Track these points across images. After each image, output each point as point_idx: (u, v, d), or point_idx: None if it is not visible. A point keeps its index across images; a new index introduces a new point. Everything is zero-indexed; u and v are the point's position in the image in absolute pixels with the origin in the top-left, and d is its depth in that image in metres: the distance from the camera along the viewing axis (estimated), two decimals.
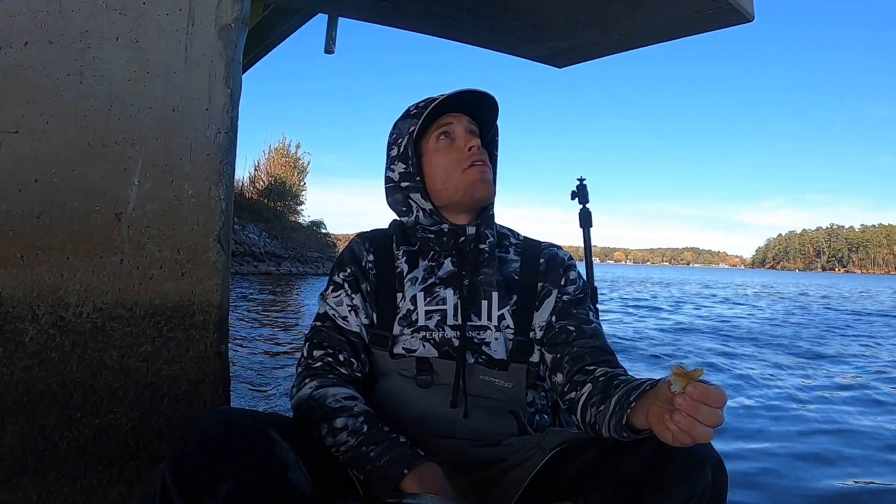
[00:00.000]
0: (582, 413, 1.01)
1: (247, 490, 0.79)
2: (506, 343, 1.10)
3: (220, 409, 1.17)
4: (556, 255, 1.19)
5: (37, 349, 1.23)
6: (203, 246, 1.34)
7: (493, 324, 1.10)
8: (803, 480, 2.25)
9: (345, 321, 1.12)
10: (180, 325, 1.33)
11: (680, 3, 3.03)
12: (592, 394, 0.99)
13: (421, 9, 3.18)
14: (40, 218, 1.23)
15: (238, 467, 0.80)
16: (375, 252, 1.17)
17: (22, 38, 1.22)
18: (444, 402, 1.07)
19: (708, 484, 0.82)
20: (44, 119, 1.23)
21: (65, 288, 1.24)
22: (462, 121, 1.16)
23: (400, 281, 1.14)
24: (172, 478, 0.78)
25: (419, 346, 1.10)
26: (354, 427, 0.96)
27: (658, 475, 0.84)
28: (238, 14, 1.36)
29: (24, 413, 1.22)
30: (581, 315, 1.13)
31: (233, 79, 1.37)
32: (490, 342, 1.10)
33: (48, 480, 1.24)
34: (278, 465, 0.84)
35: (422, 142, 1.16)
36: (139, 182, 1.29)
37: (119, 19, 1.28)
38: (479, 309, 1.11)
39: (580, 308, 1.14)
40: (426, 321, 1.10)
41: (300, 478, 0.86)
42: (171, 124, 1.32)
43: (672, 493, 0.82)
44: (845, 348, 6.50)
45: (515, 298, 1.13)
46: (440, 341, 1.09)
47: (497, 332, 1.10)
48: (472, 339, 1.09)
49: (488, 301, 1.11)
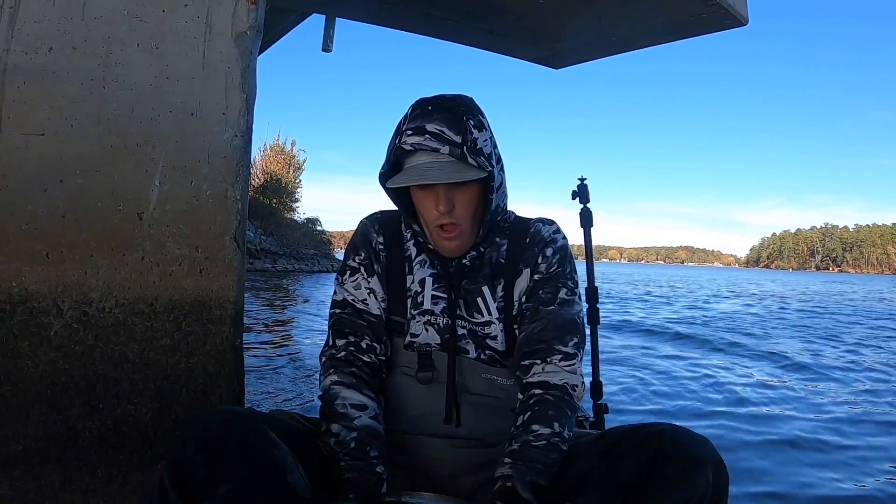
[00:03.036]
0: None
1: (245, 492, 0.80)
2: (503, 334, 1.10)
3: (221, 408, 1.18)
4: (538, 232, 1.13)
5: (61, 343, 1.28)
6: (220, 244, 1.40)
7: (494, 316, 1.10)
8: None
9: (364, 304, 1.11)
10: (198, 320, 1.38)
11: (675, 6, 3.09)
12: (511, 436, 1.01)
13: (419, 11, 3.22)
14: (65, 217, 1.28)
15: (237, 469, 0.81)
16: (385, 234, 1.15)
17: (47, 45, 1.27)
18: (443, 400, 1.08)
19: (708, 484, 0.83)
20: (68, 122, 1.28)
21: (88, 284, 1.29)
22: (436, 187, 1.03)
23: (409, 263, 1.13)
24: (171, 478, 0.79)
25: (422, 331, 1.10)
26: (344, 440, 0.98)
27: (658, 476, 0.84)
28: (253, 22, 1.42)
29: (49, 404, 1.27)
30: (544, 295, 1.09)
31: (248, 84, 1.42)
32: (496, 335, 1.10)
33: (70, 469, 1.29)
34: (277, 468, 0.85)
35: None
36: (160, 183, 1.34)
37: (140, 26, 1.33)
38: (479, 307, 1.11)
39: (548, 286, 1.10)
40: (432, 305, 1.10)
41: (299, 480, 0.86)
42: (189, 128, 1.37)
43: (672, 494, 0.82)
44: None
45: (502, 282, 1.11)
46: (443, 327, 1.09)
47: (499, 324, 1.10)
48: (477, 334, 1.10)
49: (482, 297, 1.11)
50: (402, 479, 1.06)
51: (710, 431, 2.80)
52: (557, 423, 0.98)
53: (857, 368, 5.14)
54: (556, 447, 0.96)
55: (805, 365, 5.17)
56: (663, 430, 0.89)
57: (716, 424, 3.08)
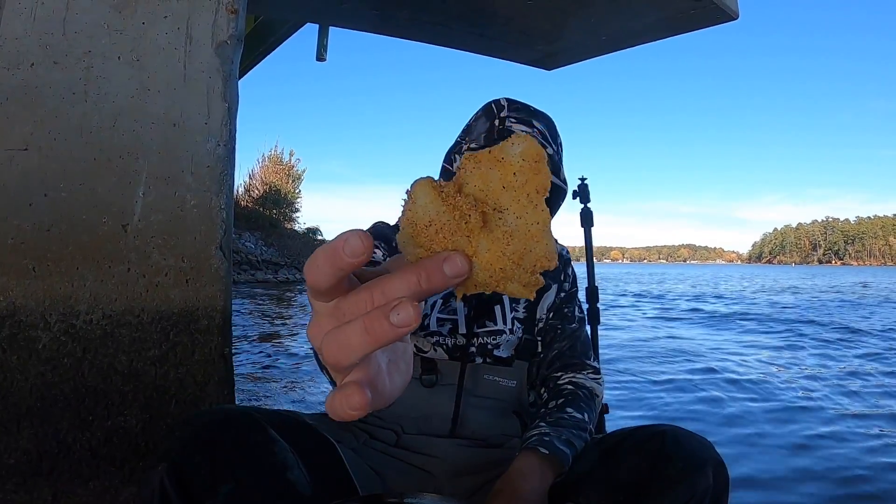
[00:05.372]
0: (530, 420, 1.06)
1: (246, 491, 0.79)
2: (514, 343, 1.13)
3: (219, 408, 1.18)
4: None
5: (50, 356, 1.28)
6: (206, 254, 1.40)
7: (507, 326, 1.12)
8: None
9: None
10: (186, 330, 1.38)
11: (665, 4, 3.09)
12: (543, 412, 1.05)
13: (410, 17, 3.23)
14: (50, 231, 1.28)
15: (237, 468, 0.80)
16: (389, 250, 1.14)
17: (28, 60, 1.28)
18: (447, 402, 1.09)
19: (709, 484, 0.83)
20: (51, 136, 1.29)
21: (75, 297, 1.30)
22: None
23: None
24: (171, 479, 0.78)
25: (430, 350, 1.11)
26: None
27: (658, 476, 0.84)
28: (233, 31, 1.42)
29: (39, 417, 1.27)
30: (568, 313, 1.17)
31: (230, 93, 1.43)
32: (501, 345, 1.12)
33: (62, 482, 1.29)
34: (277, 465, 0.84)
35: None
36: (143, 194, 1.35)
37: (120, 39, 1.34)
38: (494, 314, 1.12)
39: (569, 305, 1.18)
40: (438, 327, 1.12)
41: (299, 478, 0.85)
42: (172, 138, 1.37)
43: (672, 494, 0.82)
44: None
45: None
46: (452, 347, 1.11)
47: (510, 335, 1.12)
48: (487, 346, 1.11)
49: (500, 304, 1.13)
50: (402, 479, 1.05)
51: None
52: (587, 415, 1.05)
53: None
54: (583, 433, 1.01)
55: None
56: (664, 430, 0.89)
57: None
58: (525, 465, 0.93)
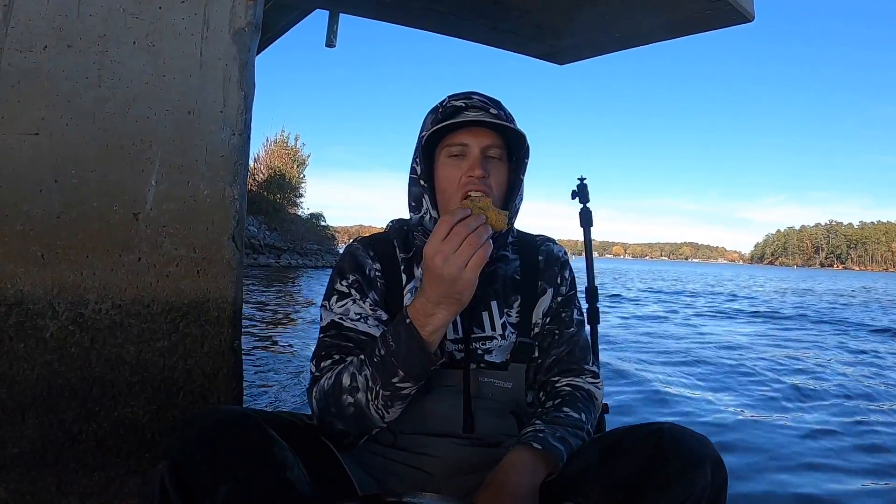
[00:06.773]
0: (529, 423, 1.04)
1: (246, 490, 0.79)
2: (509, 347, 1.11)
3: (219, 407, 1.17)
4: (552, 252, 1.19)
5: (57, 345, 1.26)
6: (218, 244, 1.38)
7: (497, 332, 1.10)
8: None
9: (353, 322, 1.07)
10: (196, 321, 1.36)
11: (680, 3, 3.06)
12: (540, 412, 1.05)
13: (423, 7, 3.20)
14: (60, 218, 1.26)
15: (237, 467, 0.80)
16: (381, 260, 1.12)
17: (41, 42, 1.25)
18: (445, 401, 1.08)
19: (707, 483, 0.83)
20: (63, 121, 1.26)
21: (84, 285, 1.28)
22: (481, 139, 1.05)
23: (402, 289, 1.11)
24: (171, 478, 0.79)
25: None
26: (358, 366, 0.97)
27: (657, 474, 0.84)
28: (251, 18, 1.39)
29: (45, 407, 1.26)
30: (566, 317, 1.15)
31: (246, 82, 1.40)
32: (493, 350, 1.10)
33: (67, 472, 1.28)
34: (277, 465, 0.84)
35: (437, 147, 1.09)
36: (156, 182, 1.32)
37: (136, 24, 1.31)
38: (482, 321, 1.10)
39: (567, 309, 1.16)
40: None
41: (299, 477, 0.85)
42: (186, 126, 1.35)
43: (671, 493, 0.82)
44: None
45: (519, 299, 1.13)
46: (441, 354, 1.05)
47: (502, 340, 1.10)
48: (476, 351, 1.10)
49: (489, 311, 1.11)
50: (400, 479, 1.04)
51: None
52: (584, 415, 1.04)
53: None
54: (580, 432, 1.01)
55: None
56: (662, 428, 0.89)
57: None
58: (516, 460, 0.94)
